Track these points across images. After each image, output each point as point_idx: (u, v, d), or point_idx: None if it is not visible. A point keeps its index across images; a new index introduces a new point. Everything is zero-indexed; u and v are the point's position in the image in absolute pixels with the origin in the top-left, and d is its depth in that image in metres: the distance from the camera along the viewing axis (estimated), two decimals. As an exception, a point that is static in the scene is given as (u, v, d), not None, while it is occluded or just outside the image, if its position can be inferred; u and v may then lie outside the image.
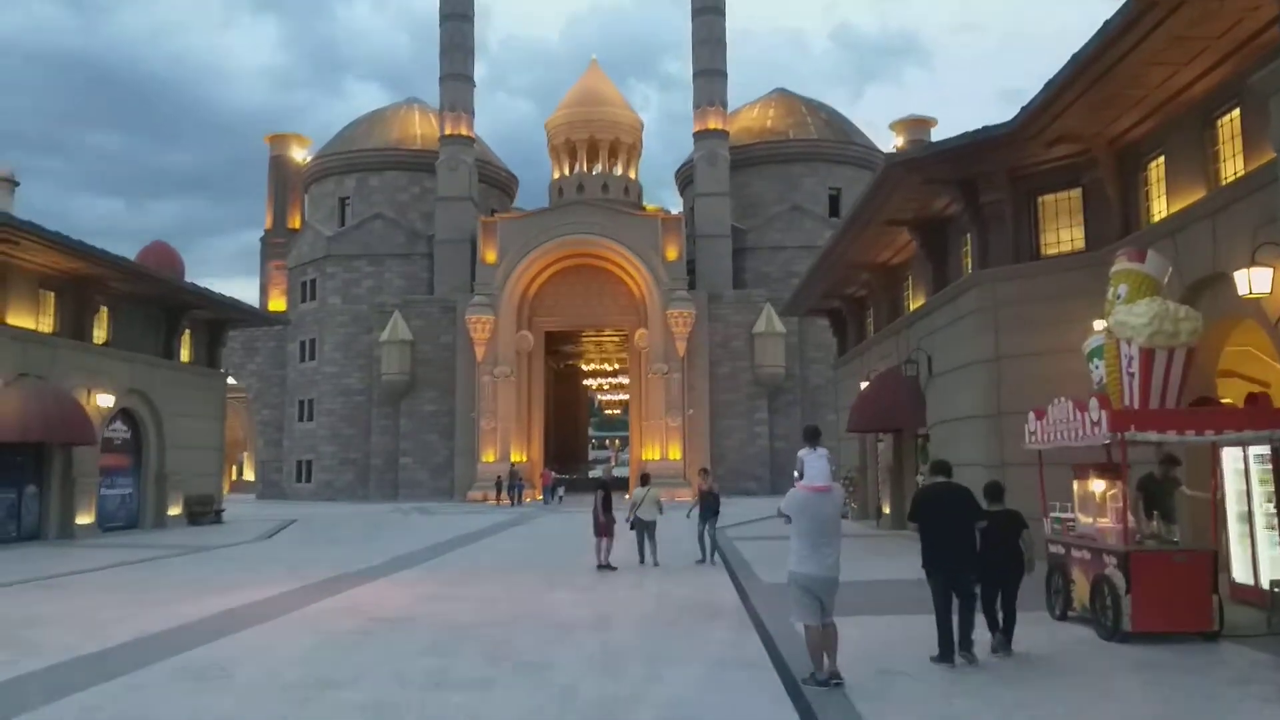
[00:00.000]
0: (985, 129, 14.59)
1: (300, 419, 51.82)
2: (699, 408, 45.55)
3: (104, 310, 25.24)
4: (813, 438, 7.42)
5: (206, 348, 30.90)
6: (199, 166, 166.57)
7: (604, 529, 15.88)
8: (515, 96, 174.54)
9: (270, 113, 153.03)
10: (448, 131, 49.88)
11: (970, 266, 17.81)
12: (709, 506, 16.86)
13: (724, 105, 51.31)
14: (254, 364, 54.75)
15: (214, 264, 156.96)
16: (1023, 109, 13.86)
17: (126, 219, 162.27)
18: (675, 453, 43.90)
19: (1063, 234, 15.87)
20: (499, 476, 42.56)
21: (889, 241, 21.12)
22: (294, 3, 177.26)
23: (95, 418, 23.99)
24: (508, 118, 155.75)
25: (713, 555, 16.68)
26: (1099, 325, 13.52)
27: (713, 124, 50.60)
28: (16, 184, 25.46)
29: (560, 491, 43.02)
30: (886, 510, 22.92)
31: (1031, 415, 10.73)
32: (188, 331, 29.57)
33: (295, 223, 58.41)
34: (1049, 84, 12.96)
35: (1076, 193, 15.61)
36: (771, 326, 46.03)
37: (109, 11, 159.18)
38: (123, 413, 26.20)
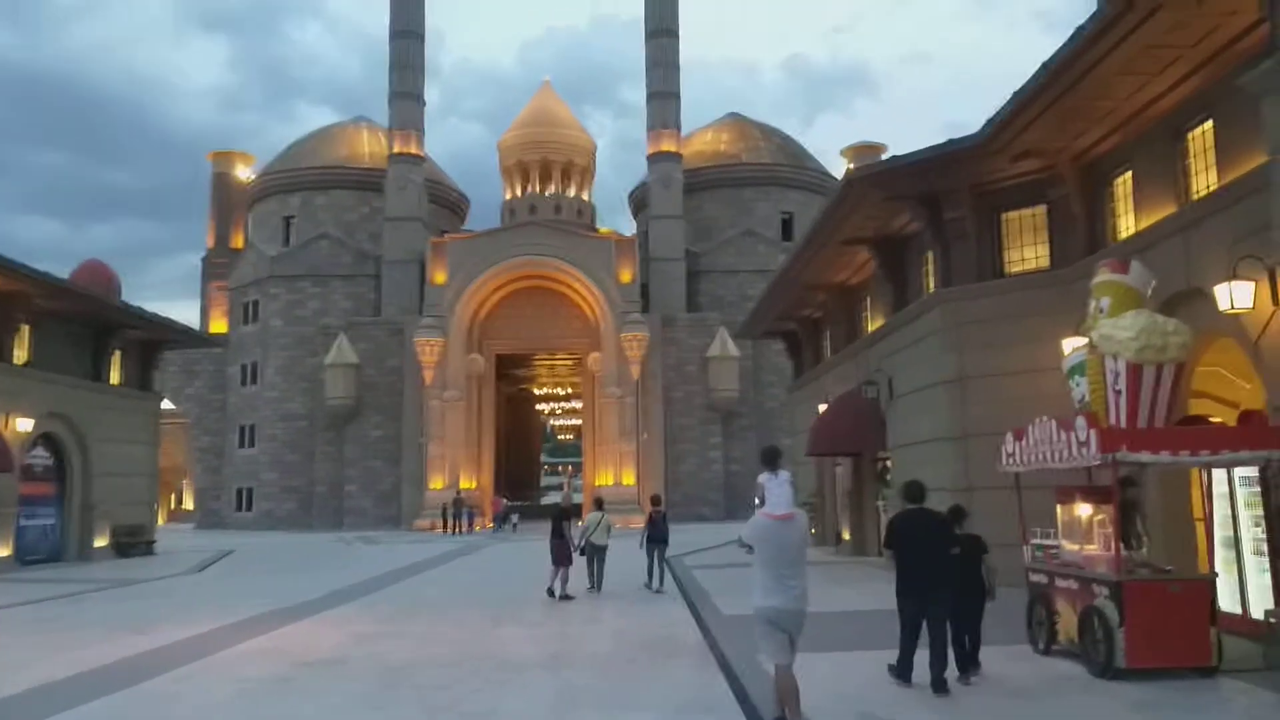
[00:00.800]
0: (951, 142, 14.20)
1: (241, 445, 50.06)
2: (653, 432, 44.83)
3: (25, 329, 23.80)
4: (772, 460, 6.90)
5: (138, 369, 29.44)
6: (144, 187, 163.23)
7: (562, 556, 15.50)
8: (468, 120, 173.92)
9: (219, 133, 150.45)
10: (397, 150, 48.90)
11: (932, 285, 17.40)
12: (658, 534, 16.70)
13: (678, 128, 51.08)
14: (193, 388, 52.82)
15: (157, 287, 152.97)
16: (990, 120, 13.47)
17: (68, 240, 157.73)
18: (629, 478, 43.08)
19: (1027, 252, 15.52)
20: (444, 504, 41.32)
21: (847, 261, 20.70)
22: (246, 22, 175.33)
23: (13, 443, 22.53)
24: (460, 141, 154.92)
25: (660, 582, 16.41)
26: (1070, 343, 13.09)
27: (666, 146, 50.31)
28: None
29: (514, 519, 41.95)
30: (846, 536, 22.35)
31: (1009, 436, 10.18)
32: (118, 352, 28.11)
33: (238, 243, 56.77)
34: (1018, 93, 12.58)
35: (1041, 209, 15.27)
36: (726, 350, 45.59)
37: (56, 26, 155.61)
38: (44, 438, 24.71)
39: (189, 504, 58.48)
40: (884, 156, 59.02)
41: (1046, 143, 13.79)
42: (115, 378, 28.08)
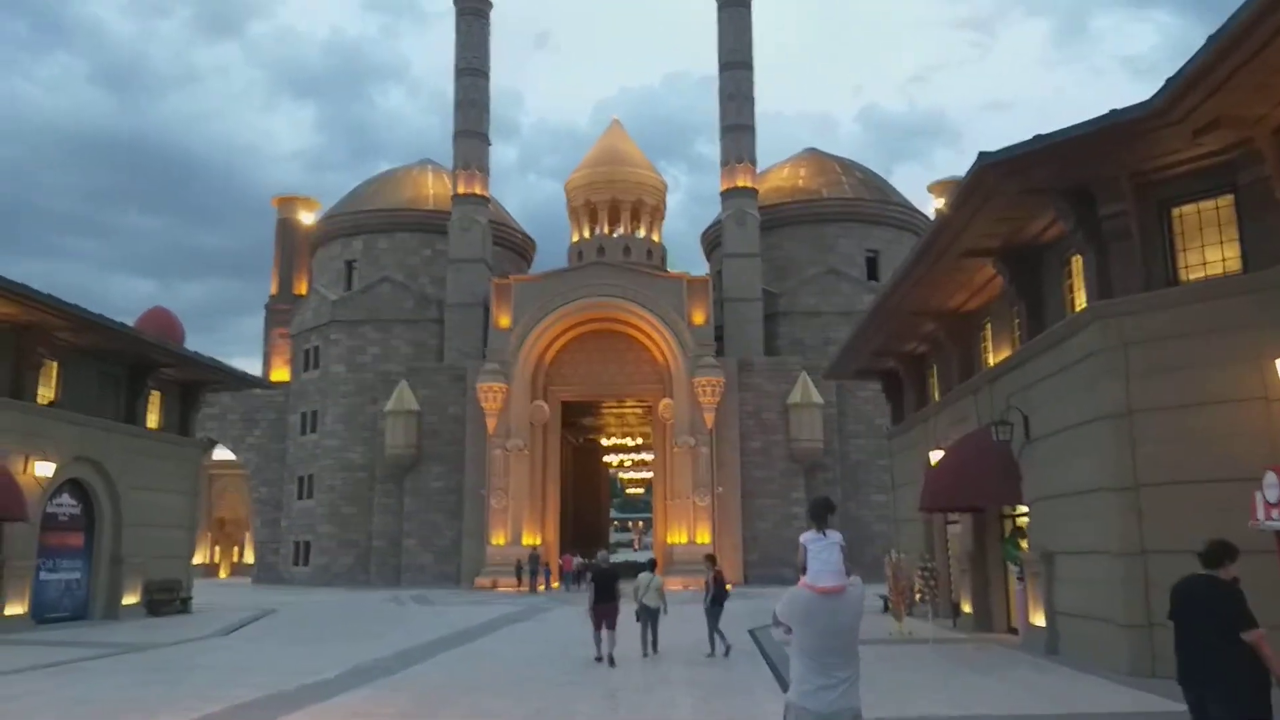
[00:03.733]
0: (1114, 113, 11.22)
1: (300, 496, 48.33)
2: (729, 485, 41.65)
3: (52, 366, 22.09)
4: (820, 515, 5.33)
5: (178, 412, 27.64)
6: (232, 247, 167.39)
7: (602, 618, 14.91)
8: (545, 178, 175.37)
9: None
10: (461, 190, 47.42)
11: (1080, 301, 14.29)
12: (716, 596, 16.10)
13: (753, 162, 48.65)
14: (254, 436, 51.52)
15: (239, 343, 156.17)
16: (1168, 82, 10.50)
17: (158, 297, 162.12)
18: (704, 535, 39.83)
19: (1209, 253, 12.35)
20: (519, 561, 38.84)
21: (965, 280, 17.65)
22: (332, 88, 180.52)
23: (33, 489, 20.65)
24: (536, 197, 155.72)
25: (725, 649, 15.57)
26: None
27: (741, 181, 47.86)
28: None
29: (589, 577, 38.96)
30: (967, 608, 18.92)
31: (1273, 478, 7.04)
32: (156, 394, 26.36)
33: (302, 289, 55.91)
34: (1209, 42, 9.62)
35: (1227, 200, 12.14)
36: (808, 396, 42.36)
37: (154, 96, 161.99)
38: (72, 484, 22.85)
39: (250, 557, 57.03)
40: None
41: (1243, 108, 10.74)
42: (152, 421, 26.27)
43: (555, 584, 39.99)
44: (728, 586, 17.07)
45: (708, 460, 40.90)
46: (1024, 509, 16.32)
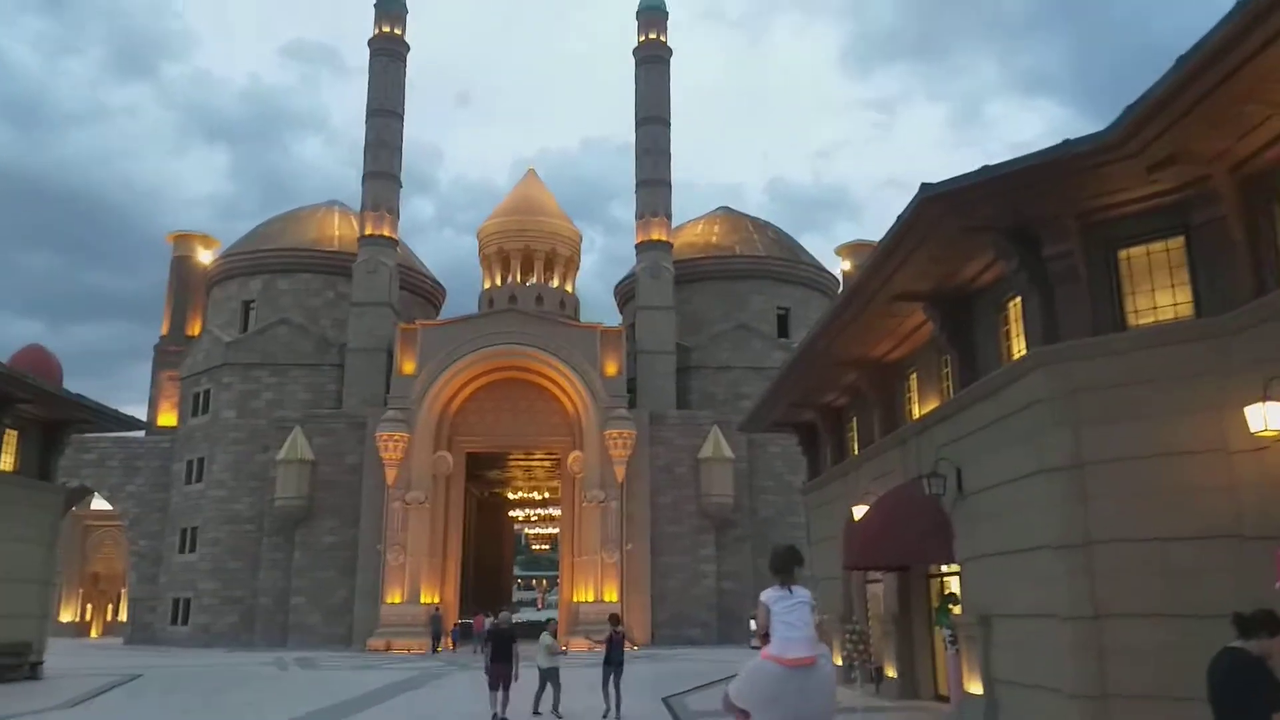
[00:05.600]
0: (1066, 144, 10.64)
1: (181, 550, 44.85)
2: (639, 542, 40.25)
3: (-118, 398, 19.56)
4: (786, 567, 4.55)
5: (38, 454, 24.96)
6: (129, 290, 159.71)
7: (499, 678, 15.40)
8: (461, 233, 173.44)
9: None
10: (368, 231, 45.62)
11: (1016, 348, 13.66)
12: (614, 656, 15.91)
13: (668, 216, 48.33)
14: (134, 485, 47.75)
15: (135, 389, 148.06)
16: (1127, 110, 9.95)
17: (45, 338, 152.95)
18: (611, 594, 38.19)
19: (1160, 297, 11.81)
20: (431, 619, 37.43)
21: (892, 327, 16.97)
22: (247, 135, 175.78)
23: None
24: (452, 252, 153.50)
25: (618, 709, 15.60)
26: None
27: (656, 235, 47.39)
28: None
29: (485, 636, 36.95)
30: (891, 673, 17.92)
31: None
32: (13, 433, 23.74)
33: (196, 330, 52.83)
34: (1179, 63, 9.09)
35: (1178, 241, 11.65)
36: (719, 451, 41.50)
37: (57, 132, 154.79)
38: (-101, 534, 20.13)
39: (123, 615, 52.70)
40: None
41: (1203, 142, 10.26)
42: (6, 463, 23.59)
43: (449, 645, 37.81)
44: (633, 647, 16.62)
45: (617, 515, 39.51)
46: (954, 567, 15.50)
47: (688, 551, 41.43)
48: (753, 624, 26.42)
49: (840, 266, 57.69)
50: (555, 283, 50.86)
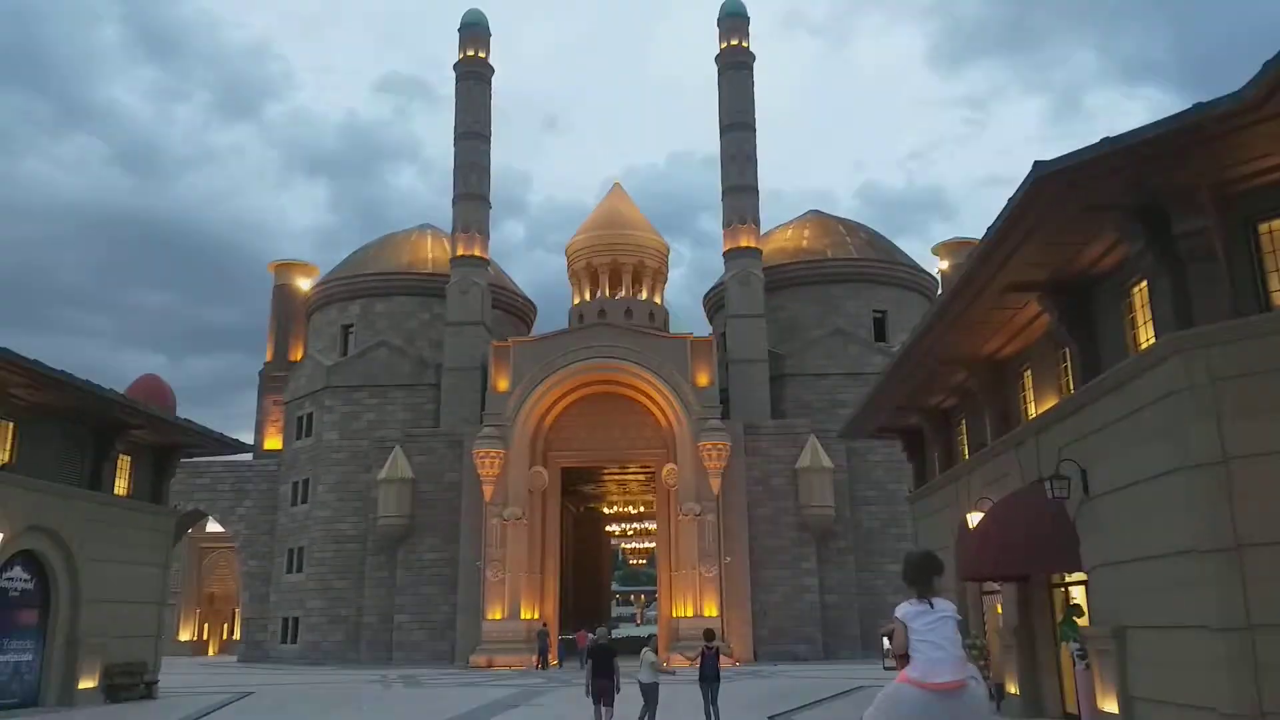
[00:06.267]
0: (1199, 107, 9.70)
1: (289, 570, 46.00)
2: (737, 555, 39.43)
3: (6, 426, 20.33)
4: (924, 578, 4.09)
5: (151, 479, 25.75)
6: (238, 322, 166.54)
7: (600, 695, 15.25)
8: (552, 253, 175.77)
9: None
10: (460, 252, 46.25)
11: (1143, 337, 12.62)
12: (709, 672, 15.82)
13: (757, 223, 47.58)
14: (244, 508, 49.28)
15: (247, 416, 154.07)
16: (1267, 65, 8.98)
17: (166, 371, 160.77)
18: (710, 608, 37.46)
19: (1312, 273, 10.70)
20: (537, 635, 37.54)
21: (1003, 321, 16.00)
22: (345, 168, 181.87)
23: (-26, 562, 18.73)
24: (543, 273, 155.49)
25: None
26: None
27: (745, 241, 46.69)
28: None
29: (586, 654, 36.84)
30: (1013, 689, 16.81)
31: None
32: (126, 458, 24.54)
33: (298, 355, 54.39)
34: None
35: (1329, 210, 10.53)
36: (818, 461, 40.43)
37: (171, 176, 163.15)
38: (24, 556, 20.88)
39: (238, 634, 54.37)
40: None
41: (1358, 96, 9.20)
42: (121, 487, 24.39)
43: (554, 661, 37.72)
44: (734, 663, 16.46)
45: (714, 528, 38.80)
46: (1078, 576, 14.41)
47: (788, 565, 40.42)
48: (886, 642, 25.09)
49: (938, 266, 55.90)
50: (644, 295, 50.63)
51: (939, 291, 46.46)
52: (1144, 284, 12.49)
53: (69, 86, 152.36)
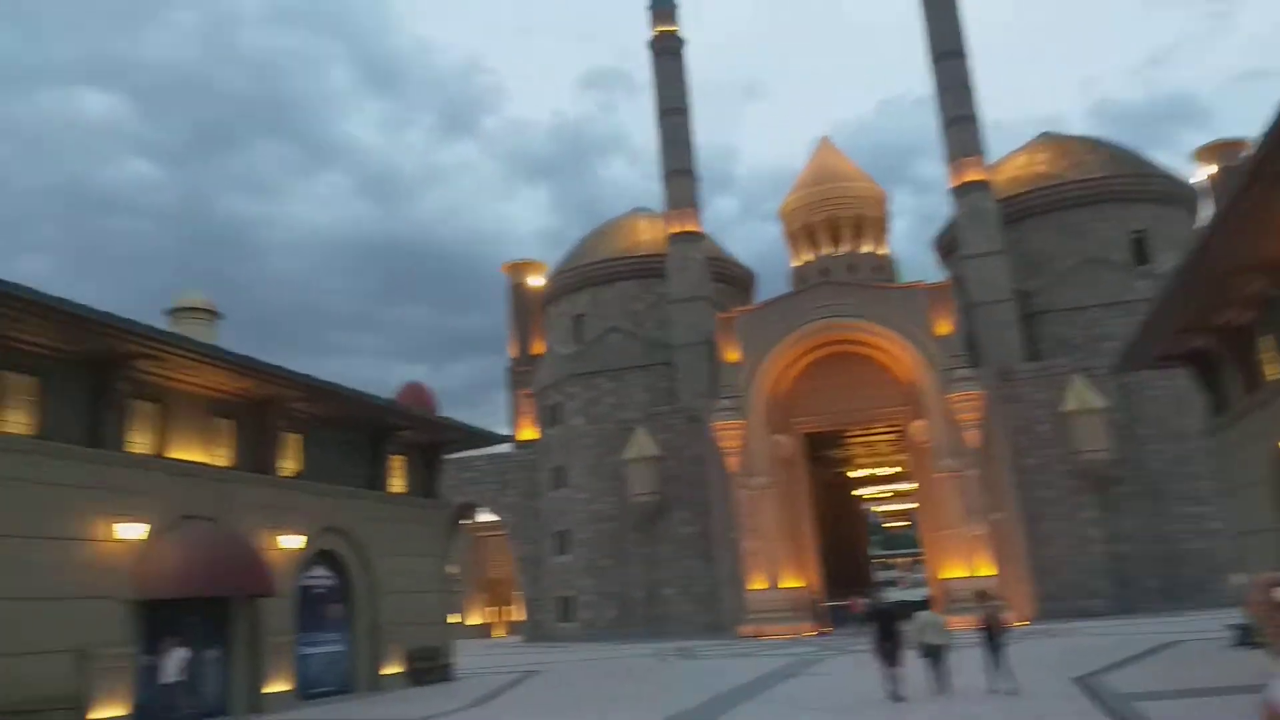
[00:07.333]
0: None
1: (557, 552, 48.22)
2: (1007, 510, 37.02)
3: (292, 438, 22.34)
4: None
5: (422, 475, 27.58)
6: (486, 326, 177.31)
7: (888, 656, 15.24)
8: (767, 222, 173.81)
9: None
10: (673, 230, 46.45)
11: None
12: (990, 632, 15.46)
13: (981, 154, 44.35)
14: (508, 496, 52.20)
15: (503, 411, 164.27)
16: None
17: (430, 379, 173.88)
18: (985, 567, 35.38)
19: None
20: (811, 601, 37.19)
21: (1314, 212, 13.64)
22: (560, 168, 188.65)
23: (284, 562, 20.70)
24: (760, 243, 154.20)
25: (1009, 687, 14.87)
26: None
27: (971, 175, 43.69)
28: (217, 316, 23.53)
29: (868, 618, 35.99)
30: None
31: None
32: (398, 459, 26.39)
33: (538, 348, 56.98)
34: None
35: None
36: (1086, 401, 37.17)
37: (409, 200, 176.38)
38: (323, 554, 22.91)
39: (520, 616, 57.80)
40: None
41: None
42: (396, 485, 26.27)
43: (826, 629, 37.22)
44: (1018, 623, 15.58)
45: (976, 484, 36.61)
46: None
47: (1065, 516, 37.51)
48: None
49: (1199, 175, 49.81)
50: (866, 248, 48.64)
51: (1212, 199, 41.39)
52: None
53: (312, 129, 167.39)
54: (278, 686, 20.25)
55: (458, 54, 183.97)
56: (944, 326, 38.64)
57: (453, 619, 32.72)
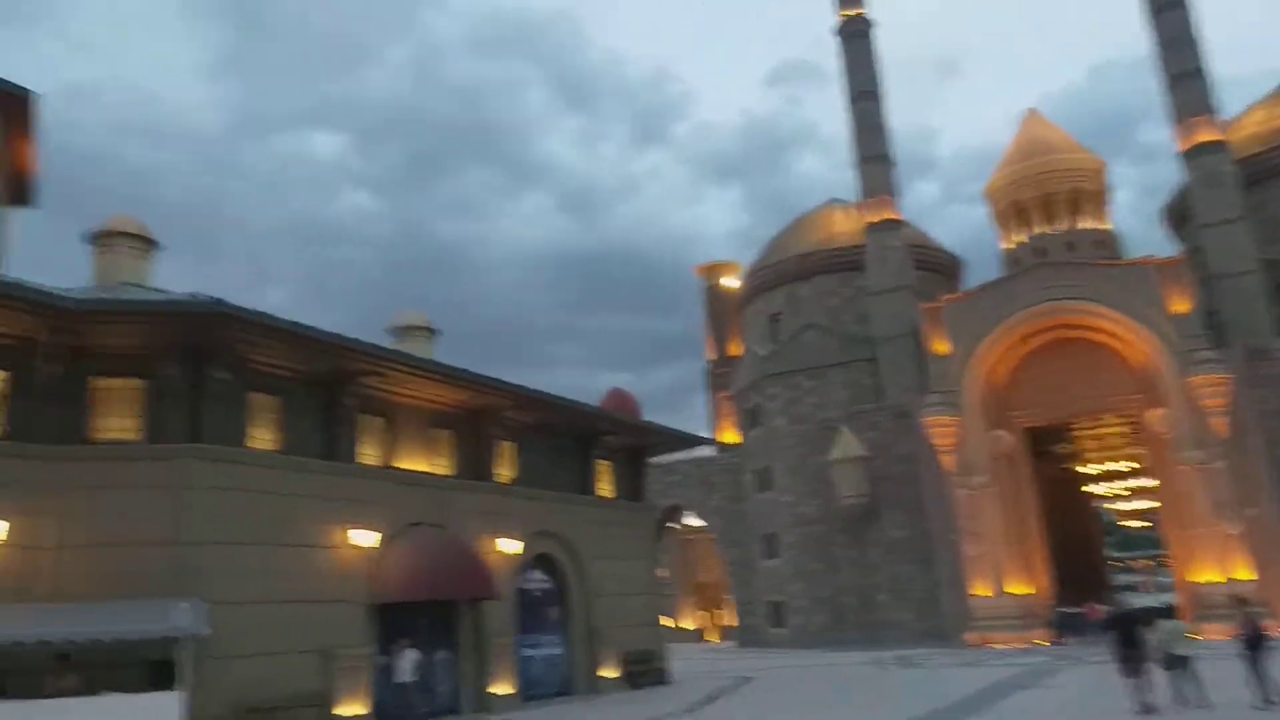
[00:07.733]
0: None
1: (766, 556, 47.64)
2: (1264, 505, 33.16)
3: (506, 446, 23.13)
4: None
5: (628, 479, 27.91)
6: (687, 330, 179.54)
7: (1134, 668, 14.48)
8: (972, 205, 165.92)
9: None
10: (870, 219, 44.87)
11: None
12: (1251, 641, 14.47)
13: (1212, 112, 40.10)
14: (713, 500, 52.15)
15: (703, 415, 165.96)
16: None
17: (633, 385, 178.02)
18: (1241, 570, 31.83)
19: None
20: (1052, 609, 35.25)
21: None
22: (752, 167, 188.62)
23: (503, 566, 21.45)
24: (966, 227, 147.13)
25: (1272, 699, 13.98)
26: None
27: (1204, 136, 39.62)
28: (435, 333, 24.84)
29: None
30: None
31: None
32: (605, 464, 26.84)
33: (736, 349, 56.76)
34: None
35: None
36: (1360, 380, 32.73)
37: (605, 211, 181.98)
38: (539, 558, 23.57)
39: (731, 620, 57.67)
40: None
41: None
42: (604, 490, 26.71)
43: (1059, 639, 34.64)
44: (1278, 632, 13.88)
45: (1227, 476, 33.00)
46: None
47: (1335, 509, 33.18)
48: None
49: None
50: (1085, 224, 45.05)
51: None
52: None
53: (514, 151, 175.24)
54: (502, 688, 20.95)
55: (647, 64, 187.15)
56: (1180, 304, 35.17)
57: (665, 622, 32.93)
